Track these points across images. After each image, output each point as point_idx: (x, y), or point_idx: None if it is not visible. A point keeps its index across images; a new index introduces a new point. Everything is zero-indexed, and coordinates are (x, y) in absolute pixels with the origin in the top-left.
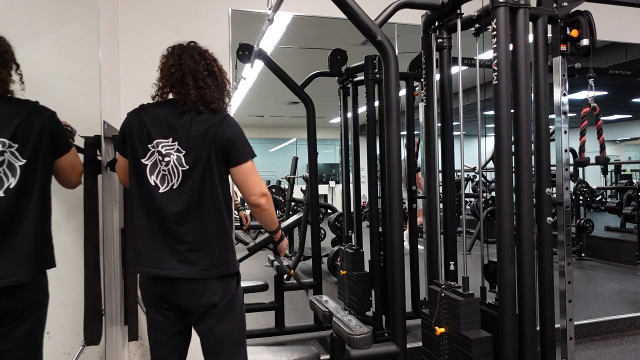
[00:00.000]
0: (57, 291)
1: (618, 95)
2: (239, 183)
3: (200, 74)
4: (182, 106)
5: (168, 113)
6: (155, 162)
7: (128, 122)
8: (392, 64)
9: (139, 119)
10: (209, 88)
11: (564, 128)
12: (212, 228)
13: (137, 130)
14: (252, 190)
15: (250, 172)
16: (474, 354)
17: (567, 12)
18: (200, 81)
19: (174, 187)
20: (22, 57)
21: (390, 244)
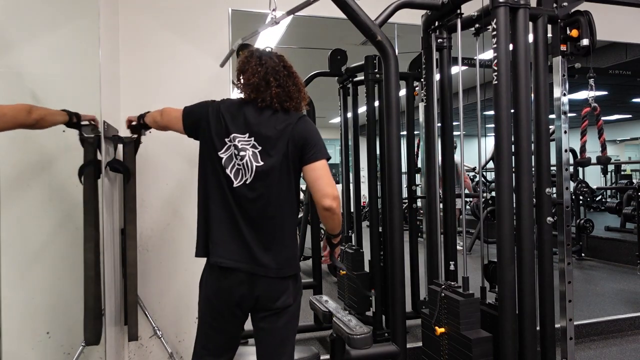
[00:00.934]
0: (57, 291)
1: (618, 95)
2: (311, 182)
3: (281, 73)
4: (260, 103)
5: (247, 109)
6: (230, 156)
7: (207, 111)
8: (392, 64)
9: (218, 111)
10: (289, 87)
11: (564, 128)
12: (284, 226)
13: (215, 122)
14: (324, 191)
15: (323, 172)
16: (474, 354)
17: (567, 12)
18: (281, 80)
19: (247, 182)
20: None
21: (390, 244)
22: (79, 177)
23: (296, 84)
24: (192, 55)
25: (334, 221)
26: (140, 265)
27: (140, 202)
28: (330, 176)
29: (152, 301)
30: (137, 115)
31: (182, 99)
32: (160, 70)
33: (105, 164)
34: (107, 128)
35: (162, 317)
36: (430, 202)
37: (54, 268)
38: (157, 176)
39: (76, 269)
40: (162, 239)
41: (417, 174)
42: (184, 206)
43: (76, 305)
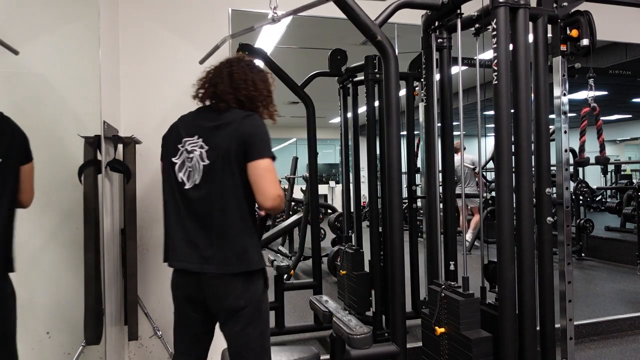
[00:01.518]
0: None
1: (618, 95)
2: (252, 182)
3: (223, 73)
4: (215, 105)
5: (199, 114)
6: (183, 161)
7: (168, 131)
8: (392, 64)
9: (175, 124)
10: (224, 87)
11: (564, 128)
12: (232, 223)
13: (172, 134)
14: (265, 192)
15: (264, 171)
16: (474, 354)
17: (567, 12)
18: (221, 80)
19: (196, 182)
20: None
21: (390, 244)
22: (79, 177)
23: (236, 80)
24: (192, 55)
25: (275, 213)
26: (140, 265)
27: (140, 202)
28: (273, 175)
29: (152, 301)
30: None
31: (181, 99)
32: (160, 70)
33: (105, 164)
34: (107, 128)
35: (162, 317)
36: (430, 202)
37: (54, 268)
38: (157, 176)
39: (76, 268)
40: (162, 239)
41: (417, 174)
42: None
43: (76, 305)
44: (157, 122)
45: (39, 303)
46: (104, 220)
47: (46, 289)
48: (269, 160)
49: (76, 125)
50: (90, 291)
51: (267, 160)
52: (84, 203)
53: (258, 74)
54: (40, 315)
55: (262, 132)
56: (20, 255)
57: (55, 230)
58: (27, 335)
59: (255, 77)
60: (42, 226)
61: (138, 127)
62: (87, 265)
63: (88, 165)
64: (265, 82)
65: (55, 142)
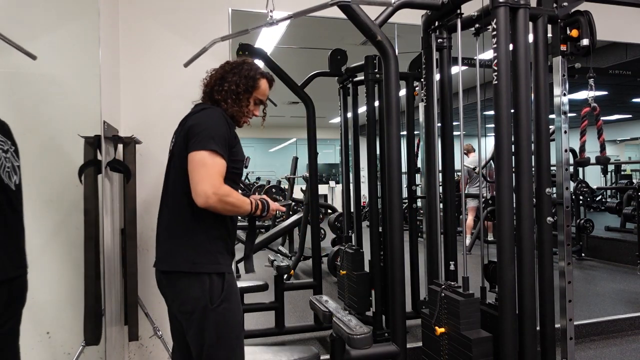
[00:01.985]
0: (57, 291)
1: (618, 95)
2: (188, 176)
3: (217, 74)
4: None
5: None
6: (169, 159)
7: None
8: (392, 64)
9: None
10: (216, 86)
11: (564, 128)
12: (173, 220)
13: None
14: (195, 189)
15: (197, 165)
16: (474, 354)
17: (567, 12)
18: (213, 80)
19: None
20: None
21: (390, 244)
22: (79, 177)
23: (213, 78)
24: (193, 55)
25: (227, 212)
26: (140, 265)
27: (140, 202)
28: (206, 170)
29: (152, 301)
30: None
31: (181, 99)
32: (160, 70)
33: (106, 164)
34: (107, 128)
35: (162, 317)
36: (430, 202)
37: (54, 268)
38: (157, 176)
39: (76, 268)
40: None
41: (417, 174)
42: None
43: (76, 305)
44: (157, 122)
45: (39, 303)
46: (104, 220)
47: (46, 289)
48: (205, 153)
49: (76, 125)
50: (90, 291)
51: (202, 152)
52: (84, 203)
53: (236, 71)
54: (40, 315)
55: (205, 123)
56: None
57: (55, 230)
58: (27, 335)
59: (230, 73)
60: (42, 226)
61: (138, 127)
62: (87, 265)
63: (88, 165)
64: (241, 78)
65: (55, 142)
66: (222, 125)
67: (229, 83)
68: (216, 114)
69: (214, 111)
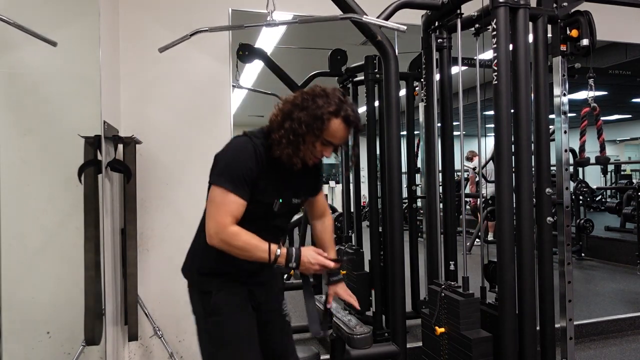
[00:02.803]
0: (57, 291)
1: (618, 95)
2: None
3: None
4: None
5: None
6: None
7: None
8: (392, 64)
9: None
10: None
11: (564, 128)
12: (196, 233)
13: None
14: (205, 223)
15: (209, 201)
16: (474, 354)
17: (567, 12)
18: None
19: None
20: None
21: (390, 244)
22: (79, 177)
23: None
24: (193, 55)
25: (236, 254)
26: (140, 265)
27: (140, 202)
28: (215, 208)
29: (152, 301)
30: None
31: (182, 99)
32: (160, 70)
33: (106, 164)
34: (107, 128)
35: (162, 317)
36: (430, 202)
37: (54, 268)
38: (157, 176)
39: (76, 268)
40: (162, 239)
41: (417, 174)
42: (184, 206)
43: (76, 305)
44: (157, 122)
45: (39, 303)
46: (104, 220)
47: (46, 289)
48: (217, 189)
49: (76, 125)
50: (90, 291)
51: (214, 188)
52: (84, 203)
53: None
54: (40, 315)
55: (225, 156)
56: (20, 255)
57: (55, 230)
58: (27, 335)
59: (297, 108)
60: (42, 226)
61: (138, 127)
62: (87, 266)
63: (88, 165)
64: (308, 116)
65: (55, 142)
66: (245, 161)
67: (291, 121)
68: (240, 147)
69: (239, 143)
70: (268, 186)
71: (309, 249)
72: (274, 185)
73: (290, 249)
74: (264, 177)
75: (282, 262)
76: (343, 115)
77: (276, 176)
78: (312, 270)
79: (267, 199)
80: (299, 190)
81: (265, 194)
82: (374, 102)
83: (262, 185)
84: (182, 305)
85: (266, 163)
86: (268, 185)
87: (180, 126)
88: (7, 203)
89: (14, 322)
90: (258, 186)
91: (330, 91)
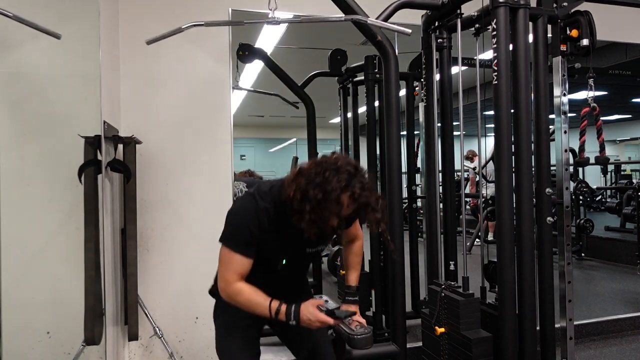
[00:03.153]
0: (57, 291)
1: (618, 95)
2: None
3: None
4: None
5: None
6: None
7: None
8: (392, 64)
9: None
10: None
11: (564, 128)
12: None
13: None
14: (217, 280)
15: (218, 260)
16: (474, 354)
17: (567, 12)
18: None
19: None
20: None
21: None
22: (79, 177)
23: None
24: (192, 55)
25: (241, 308)
26: (140, 265)
27: (140, 202)
28: (221, 265)
29: (152, 301)
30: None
31: (182, 99)
32: (161, 70)
33: (106, 164)
34: (107, 128)
35: (162, 317)
36: (430, 202)
37: (55, 268)
38: (157, 176)
39: (76, 268)
40: (162, 239)
41: (417, 174)
42: (184, 206)
43: (76, 305)
44: (157, 122)
45: (39, 303)
46: (104, 220)
47: (46, 289)
48: (223, 248)
49: (76, 125)
50: (90, 291)
51: (221, 247)
52: (84, 203)
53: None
54: (40, 315)
55: (230, 217)
56: (20, 255)
57: (55, 230)
58: (27, 335)
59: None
60: (42, 226)
61: (138, 127)
62: (87, 266)
63: (88, 165)
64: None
65: (55, 142)
66: (246, 224)
67: (309, 202)
68: (243, 209)
69: (243, 204)
70: (273, 246)
71: (308, 306)
72: (280, 245)
73: (289, 307)
74: (270, 237)
75: (282, 318)
76: (350, 192)
77: (285, 234)
78: (313, 326)
79: (272, 258)
80: (316, 241)
81: (270, 253)
82: (374, 102)
83: (267, 245)
84: (182, 305)
85: (274, 223)
86: (273, 245)
87: (180, 126)
88: (7, 203)
89: (14, 322)
90: (263, 245)
91: (342, 163)
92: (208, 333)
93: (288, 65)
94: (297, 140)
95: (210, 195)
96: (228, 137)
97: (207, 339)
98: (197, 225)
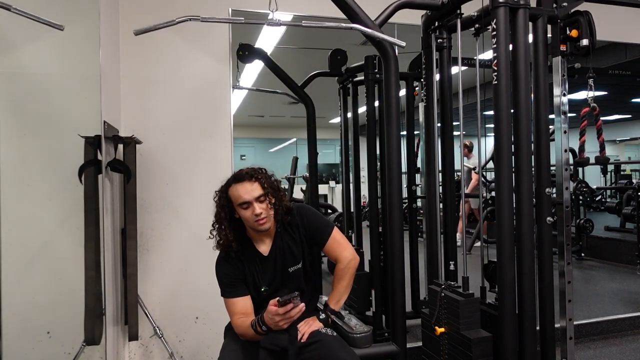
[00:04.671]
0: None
1: (618, 95)
2: None
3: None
4: None
5: None
6: None
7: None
8: (392, 64)
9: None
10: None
11: (564, 128)
12: None
13: None
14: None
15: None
16: (474, 354)
17: (567, 12)
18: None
19: None
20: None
21: (390, 244)
22: (79, 177)
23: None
24: (192, 55)
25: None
26: (140, 265)
27: (140, 202)
28: (226, 308)
29: (152, 301)
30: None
31: (182, 99)
32: (160, 70)
33: (106, 164)
34: (107, 128)
35: (162, 317)
36: (430, 202)
37: (55, 268)
38: (157, 176)
39: (77, 268)
40: (162, 239)
41: (417, 174)
42: (184, 206)
43: (77, 305)
44: (157, 122)
45: (39, 303)
46: (104, 220)
47: (47, 289)
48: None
49: (76, 125)
50: (90, 291)
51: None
52: (84, 203)
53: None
54: (40, 315)
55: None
56: (20, 255)
57: (56, 230)
58: (28, 335)
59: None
60: (42, 226)
61: (138, 127)
62: (87, 266)
63: (88, 165)
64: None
65: (55, 142)
66: (222, 270)
67: (215, 220)
68: (217, 260)
69: (218, 256)
70: (253, 278)
71: (267, 310)
72: (257, 275)
73: (256, 317)
74: (247, 270)
75: (260, 330)
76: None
77: (258, 262)
78: (282, 324)
79: (256, 287)
80: (294, 257)
81: (253, 284)
82: (374, 102)
83: (249, 278)
84: (182, 305)
85: (245, 255)
86: (252, 277)
87: (180, 126)
88: (7, 203)
89: (14, 322)
90: (246, 279)
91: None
92: (208, 333)
93: (288, 65)
94: (297, 140)
95: (210, 196)
96: (228, 137)
97: (207, 339)
98: (197, 225)
